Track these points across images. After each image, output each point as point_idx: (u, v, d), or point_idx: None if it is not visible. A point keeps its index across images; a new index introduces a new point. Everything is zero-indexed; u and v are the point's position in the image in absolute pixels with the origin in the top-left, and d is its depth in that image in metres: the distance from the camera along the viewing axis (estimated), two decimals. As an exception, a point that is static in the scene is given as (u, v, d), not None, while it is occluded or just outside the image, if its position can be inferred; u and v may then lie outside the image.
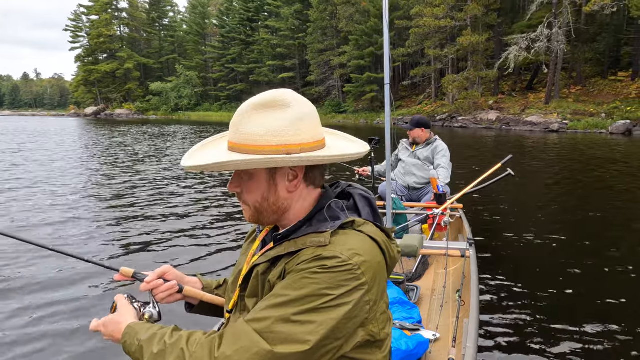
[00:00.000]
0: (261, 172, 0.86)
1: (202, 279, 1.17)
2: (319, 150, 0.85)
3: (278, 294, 0.76)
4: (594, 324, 2.74)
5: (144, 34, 65.93)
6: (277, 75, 50.12)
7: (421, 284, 2.83)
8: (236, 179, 0.89)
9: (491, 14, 28.15)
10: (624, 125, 19.63)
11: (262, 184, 0.86)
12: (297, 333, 0.71)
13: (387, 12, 2.68)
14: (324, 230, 0.81)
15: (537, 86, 28.97)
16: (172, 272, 1.07)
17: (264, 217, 0.90)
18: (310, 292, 0.73)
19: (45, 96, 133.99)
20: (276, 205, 0.87)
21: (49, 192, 7.31)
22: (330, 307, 0.73)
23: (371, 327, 0.79)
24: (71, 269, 3.75)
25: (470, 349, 1.71)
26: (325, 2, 41.47)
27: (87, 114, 59.83)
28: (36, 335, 2.75)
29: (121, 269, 1.05)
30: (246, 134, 0.82)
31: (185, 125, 34.07)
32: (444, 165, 3.87)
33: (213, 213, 5.92)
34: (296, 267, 0.77)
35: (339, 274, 0.74)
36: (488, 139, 18.55)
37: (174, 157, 12.49)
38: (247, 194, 0.88)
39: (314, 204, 0.89)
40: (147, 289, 1.03)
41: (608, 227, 5.10)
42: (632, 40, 25.23)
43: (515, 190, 6.97)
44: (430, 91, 34.71)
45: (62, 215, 5.70)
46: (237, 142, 0.83)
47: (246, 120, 0.82)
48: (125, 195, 7.05)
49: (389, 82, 2.73)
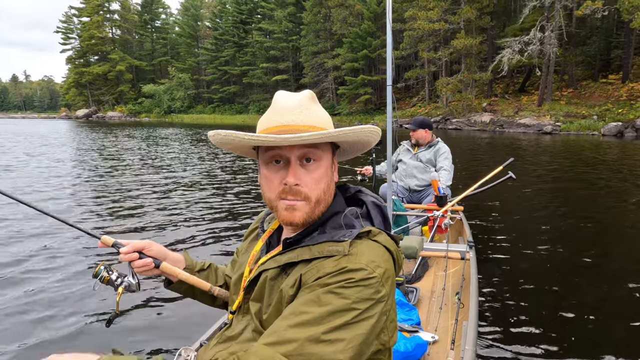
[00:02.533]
0: (328, 157, 0.85)
1: (187, 258, 1.15)
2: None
3: (301, 310, 0.70)
4: (593, 327, 2.73)
5: (136, 36, 65.68)
6: (271, 78, 50.13)
7: (420, 286, 2.82)
8: (298, 168, 0.81)
9: (484, 17, 28.42)
10: (616, 127, 19.89)
11: (328, 169, 0.85)
12: (328, 353, 0.67)
13: (390, 12, 2.68)
14: (342, 239, 0.78)
15: (530, 88, 29.26)
16: (153, 248, 1.07)
17: (318, 210, 0.84)
18: (338, 307, 0.69)
19: (35, 98, 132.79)
20: (331, 196, 0.86)
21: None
22: (357, 322, 0.70)
23: (383, 336, 0.77)
24: (56, 236, 4.15)
25: (468, 352, 1.70)
26: (319, 5, 41.61)
27: (78, 117, 59.37)
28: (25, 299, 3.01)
29: (102, 237, 1.05)
30: (314, 115, 0.83)
31: (181, 128, 33.86)
32: (447, 167, 3.83)
33: (213, 213, 5.83)
34: (319, 280, 0.73)
35: (366, 288, 0.72)
36: (482, 141, 18.64)
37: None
38: (312, 184, 0.82)
39: (329, 205, 0.87)
40: (123, 260, 1.04)
41: (607, 229, 5.11)
42: (622, 43, 25.58)
43: (515, 193, 6.98)
44: (424, 93, 34.91)
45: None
46: (308, 123, 0.82)
47: (310, 105, 0.85)
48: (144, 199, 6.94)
49: (392, 83, 2.71)
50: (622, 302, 3.09)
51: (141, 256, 1.05)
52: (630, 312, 2.93)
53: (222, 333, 0.94)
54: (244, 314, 0.90)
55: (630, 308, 3.00)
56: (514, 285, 3.34)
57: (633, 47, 24.44)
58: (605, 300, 3.11)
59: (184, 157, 13.20)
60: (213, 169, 10.48)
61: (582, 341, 2.59)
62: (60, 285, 3.29)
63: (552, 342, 2.57)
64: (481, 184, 3.55)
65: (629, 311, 2.96)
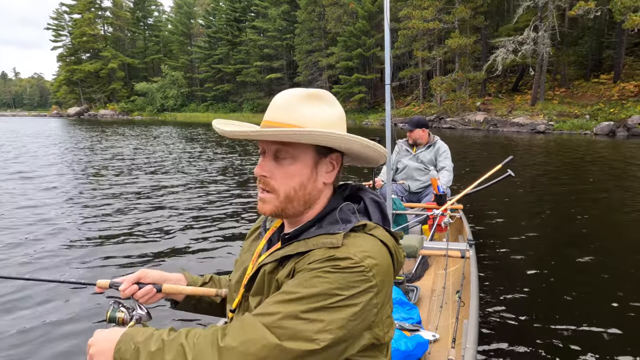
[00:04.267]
0: (308, 156, 0.85)
1: (187, 276, 1.15)
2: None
3: (288, 291, 0.75)
4: (593, 325, 2.72)
5: (128, 34, 65.00)
6: (265, 76, 49.92)
7: (421, 285, 2.82)
8: (269, 162, 0.86)
9: (478, 17, 28.55)
10: (608, 126, 20.11)
11: (305, 169, 0.85)
12: (305, 330, 0.70)
13: (388, 11, 2.65)
14: (336, 232, 0.80)
15: (523, 88, 29.48)
16: (149, 275, 1.07)
17: (292, 207, 0.87)
18: (321, 290, 0.72)
19: (25, 96, 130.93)
20: (310, 196, 0.87)
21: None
22: (339, 307, 0.72)
23: (377, 330, 0.79)
24: (50, 291, 3.38)
25: (469, 350, 1.70)
26: (313, 4, 41.50)
27: (69, 115, 58.67)
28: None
29: (97, 282, 1.06)
30: (297, 115, 0.83)
31: (175, 127, 33.62)
32: (448, 167, 3.80)
33: (212, 213, 5.76)
34: (307, 265, 0.77)
35: (350, 275, 0.73)
36: (477, 140, 18.73)
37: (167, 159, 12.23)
38: (282, 179, 0.85)
39: (326, 203, 0.89)
40: (124, 296, 1.04)
41: (606, 226, 5.15)
42: (613, 43, 25.84)
43: (514, 191, 7.02)
44: (418, 92, 35.00)
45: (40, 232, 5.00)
46: (286, 121, 0.83)
47: (299, 105, 0.84)
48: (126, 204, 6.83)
49: (390, 82, 2.70)
50: (626, 298, 3.09)
51: (140, 286, 1.05)
52: (630, 309, 2.94)
53: None
54: (244, 311, 0.91)
55: (630, 305, 2.99)
56: (514, 283, 3.34)
57: (624, 47, 24.70)
58: (608, 298, 3.11)
59: (184, 157, 13.10)
60: (212, 169, 10.40)
61: (582, 338, 2.58)
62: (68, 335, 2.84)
63: (553, 339, 2.56)
64: (480, 182, 3.54)
65: (629, 308, 2.96)
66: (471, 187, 3.54)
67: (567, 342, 2.54)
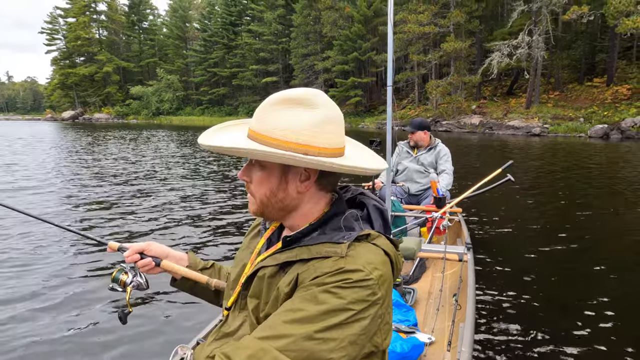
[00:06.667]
0: (274, 166, 0.84)
1: (191, 257, 1.20)
2: (337, 158, 0.83)
3: (297, 308, 0.72)
4: (591, 329, 2.71)
5: (123, 37, 64.80)
6: (261, 80, 49.95)
7: (418, 287, 2.81)
8: (248, 168, 0.88)
9: (473, 21, 28.78)
10: (602, 129, 20.28)
11: (272, 178, 0.85)
12: (320, 351, 0.68)
13: (392, 13, 2.64)
14: (340, 241, 0.79)
15: (517, 91, 29.68)
16: (153, 248, 1.15)
17: (268, 212, 0.88)
18: (332, 307, 0.70)
19: (18, 99, 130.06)
20: (283, 203, 0.86)
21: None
22: (350, 323, 0.71)
23: (376, 338, 0.77)
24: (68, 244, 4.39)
25: (465, 353, 1.70)
26: (309, 7, 41.65)
27: (64, 118, 58.31)
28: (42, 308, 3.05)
29: (109, 243, 1.18)
30: (268, 125, 0.80)
31: (171, 130, 33.54)
32: (449, 171, 3.78)
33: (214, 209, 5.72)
34: (316, 279, 0.74)
35: (361, 289, 0.72)
36: (473, 143, 18.80)
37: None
38: (256, 186, 0.87)
39: (326, 209, 0.88)
40: (127, 262, 1.13)
41: (605, 229, 5.16)
42: (606, 47, 26.11)
43: (513, 195, 7.02)
44: (414, 96, 35.16)
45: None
46: (257, 131, 0.82)
47: (271, 112, 0.81)
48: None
49: (392, 84, 2.72)
50: (625, 301, 3.09)
51: (142, 257, 1.13)
52: (629, 313, 2.93)
53: (219, 329, 0.96)
54: (241, 310, 0.91)
55: (629, 309, 2.99)
56: (511, 287, 3.32)
57: (617, 51, 24.96)
58: (605, 302, 3.10)
59: (183, 157, 13.03)
60: (214, 169, 10.35)
61: (580, 343, 2.57)
62: (73, 287, 3.43)
63: (549, 344, 2.55)
64: (480, 186, 3.53)
65: (628, 312, 2.95)
66: (470, 191, 3.53)
67: (564, 346, 2.52)
